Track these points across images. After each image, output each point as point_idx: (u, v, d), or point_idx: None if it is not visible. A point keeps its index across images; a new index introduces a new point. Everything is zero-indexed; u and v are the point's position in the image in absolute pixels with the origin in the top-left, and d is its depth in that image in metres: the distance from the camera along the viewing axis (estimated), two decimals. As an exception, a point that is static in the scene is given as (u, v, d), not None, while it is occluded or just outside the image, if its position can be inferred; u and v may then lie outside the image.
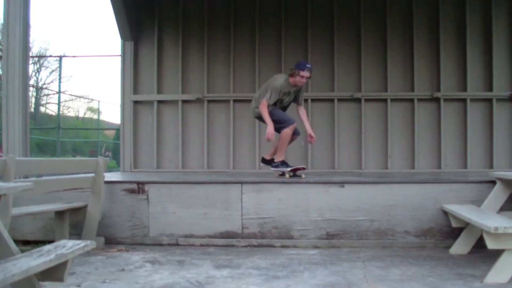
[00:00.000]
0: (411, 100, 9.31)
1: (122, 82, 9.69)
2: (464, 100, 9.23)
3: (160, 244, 5.84)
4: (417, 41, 9.36)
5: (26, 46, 6.49)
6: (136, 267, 4.77)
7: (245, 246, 5.75)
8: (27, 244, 5.59)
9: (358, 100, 9.38)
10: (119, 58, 9.86)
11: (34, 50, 31.87)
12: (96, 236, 5.59)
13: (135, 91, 9.67)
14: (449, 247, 5.39)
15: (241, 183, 5.84)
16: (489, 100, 9.19)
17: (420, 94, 9.30)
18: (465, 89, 9.23)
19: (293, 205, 5.77)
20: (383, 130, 9.34)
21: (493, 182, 5.46)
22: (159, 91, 9.67)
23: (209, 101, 9.60)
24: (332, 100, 9.41)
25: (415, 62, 9.34)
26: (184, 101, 9.62)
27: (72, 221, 5.66)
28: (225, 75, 9.62)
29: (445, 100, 9.24)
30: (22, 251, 3.24)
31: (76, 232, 5.72)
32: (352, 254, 5.30)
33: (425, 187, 5.71)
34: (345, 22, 9.53)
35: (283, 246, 5.70)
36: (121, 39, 9.66)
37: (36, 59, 31.29)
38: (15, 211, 4.71)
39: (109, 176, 6.02)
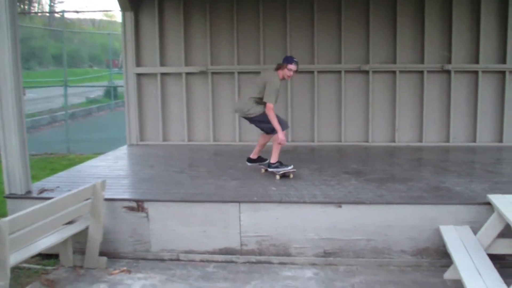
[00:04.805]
0: (421, 72, 9.11)
1: (124, 55, 9.56)
2: (475, 73, 9.00)
3: (162, 260, 5.95)
4: (428, 10, 9.10)
5: None
6: (135, 304, 4.93)
7: (244, 263, 5.85)
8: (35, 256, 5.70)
9: (366, 72, 9.21)
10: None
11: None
12: (98, 255, 5.73)
13: (138, 63, 9.59)
14: (445, 266, 5.44)
15: (239, 202, 5.86)
16: (502, 73, 8.96)
17: (430, 66, 9.09)
18: (477, 61, 8.98)
19: (290, 224, 5.80)
20: (391, 103, 9.25)
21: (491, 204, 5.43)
22: (162, 64, 9.58)
23: (213, 73, 9.48)
24: (339, 72, 9.26)
25: (426, 32, 9.12)
26: (188, 73, 9.51)
27: (75, 240, 5.78)
28: (229, 47, 9.46)
29: (456, 72, 9.03)
30: None
31: (80, 247, 5.85)
32: (348, 279, 5.38)
33: (423, 208, 5.68)
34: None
35: (281, 263, 5.79)
36: (121, 10, 9.42)
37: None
38: (16, 257, 4.75)
39: (109, 191, 6.05)
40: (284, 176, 6.80)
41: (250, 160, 7.31)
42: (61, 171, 8.05)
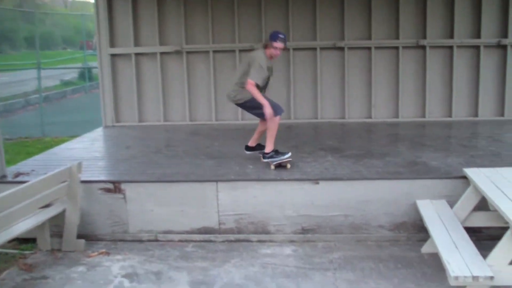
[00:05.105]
0: (396, 48, 9.14)
1: (98, 36, 9.43)
2: (450, 48, 9.05)
3: (140, 240, 5.93)
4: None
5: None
6: (115, 286, 4.90)
7: (223, 242, 5.85)
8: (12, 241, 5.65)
9: (341, 49, 9.20)
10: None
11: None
12: (76, 238, 5.69)
13: (112, 44, 9.46)
14: (422, 240, 5.50)
15: (216, 181, 5.84)
16: (476, 47, 9.02)
17: (405, 41, 9.10)
18: (452, 36, 9.01)
19: (268, 201, 5.80)
20: (367, 79, 9.27)
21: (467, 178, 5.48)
22: (136, 44, 9.48)
23: (188, 53, 9.40)
24: (314, 49, 9.24)
25: (401, 8, 9.14)
26: (162, 53, 9.42)
27: (52, 223, 5.72)
28: (204, 26, 9.39)
29: (431, 47, 9.07)
30: None
31: (57, 230, 5.79)
32: (326, 255, 5.40)
33: (399, 183, 5.72)
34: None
35: (259, 241, 5.80)
36: (93, -12, 9.29)
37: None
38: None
39: (85, 173, 5.99)
40: (280, 166, 6.28)
41: (248, 148, 6.76)
42: (37, 154, 7.96)
